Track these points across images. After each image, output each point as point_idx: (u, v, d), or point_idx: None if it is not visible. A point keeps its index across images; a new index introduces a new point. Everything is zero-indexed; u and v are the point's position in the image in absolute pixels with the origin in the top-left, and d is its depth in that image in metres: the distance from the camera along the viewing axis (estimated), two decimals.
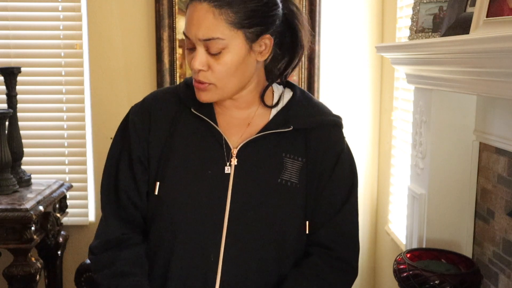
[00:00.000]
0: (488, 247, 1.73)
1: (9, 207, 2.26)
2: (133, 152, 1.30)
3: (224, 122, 1.31)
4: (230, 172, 1.26)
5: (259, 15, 1.20)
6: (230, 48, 1.19)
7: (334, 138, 1.33)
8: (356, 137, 2.84)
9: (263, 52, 1.25)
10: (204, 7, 1.17)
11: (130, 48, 2.79)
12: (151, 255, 1.31)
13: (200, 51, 1.20)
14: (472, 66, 1.34)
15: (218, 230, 1.24)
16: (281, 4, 1.25)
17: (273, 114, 1.32)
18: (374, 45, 2.40)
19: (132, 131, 1.32)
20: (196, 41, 1.20)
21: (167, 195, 1.27)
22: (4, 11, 2.77)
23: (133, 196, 1.31)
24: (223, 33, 1.18)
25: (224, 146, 1.27)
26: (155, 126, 1.31)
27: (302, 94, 1.36)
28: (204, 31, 1.18)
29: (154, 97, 1.36)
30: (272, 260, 1.27)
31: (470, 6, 1.53)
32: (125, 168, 1.31)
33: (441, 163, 1.84)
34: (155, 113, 1.32)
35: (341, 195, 1.32)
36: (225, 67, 1.20)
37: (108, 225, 1.32)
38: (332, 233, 1.31)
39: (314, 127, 1.31)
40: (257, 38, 1.22)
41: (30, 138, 2.79)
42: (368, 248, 2.94)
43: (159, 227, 1.29)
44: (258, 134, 1.28)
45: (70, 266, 2.81)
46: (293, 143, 1.29)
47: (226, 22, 1.17)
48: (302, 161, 1.29)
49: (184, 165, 1.28)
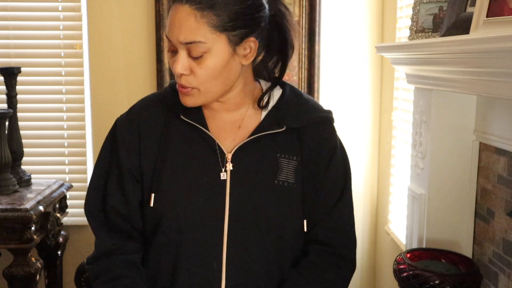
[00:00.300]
0: (488, 247, 1.72)
1: (9, 207, 2.26)
2: (123, 164, 1.28)
3: (215, 126, 1.29)
4: (226, 178, 1.24)
5: (242, 17, 1.17)
6: (212, 51, 1.16)
7: (326, 135, 1.32)
8: (356, 137, 2.84)
9: (248, 55, 1.22)
10: (185, 10, 1.14)
11: (130, 48, 2.79)
12: (154, 265, 1.29)
13: (182, 55, 1.17)
14: (472, 66, 1.34)
15: (218, 237, 1.23)
16: (268, 5, 1.23)
17: (264, 114, 1.30)
18: (374, 45, 2.40)
19: (121, 144, 1.28)
20: (177, 44, 1.17)
21: (163, 207, 1.25)
22: (4, 11, 2.77)
23: (122, 210, 1.28)
24: (205, 37, 1.15)
25: (218, 151, 1.25)
26: (145, 137, 1.28)
27: (292, 91, 1.34)
28: (186, 34, 1.15)
29: (140, 107, 1.32)
30: (273, 261, 1.27)
31: (470, 6, 1.53)
32: (113, 184, 1.29)
33: (441, 163, 1.84)
34: (144, 123, 1.28)
35: (336, 190, 1.32)
36: (208, 71, 1.18)
37: (99, 240, 1.31)
38: (329, 229, 1.31)
39: (306, 125, 1.30)
40: (241, 41, 1.19)
41: (30, 138, 2.79)
42: (368, 248, 2.94)
43: (159, 239, 1.27)
44: (251, 136, 1.26)
45: (70, 266, 2.81)
46: (286, 143, 1.28)
47: (208, 25, 1.14)
48: (296, 160, 1.28)
49: (178, 175, 1.25)
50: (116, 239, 1.29)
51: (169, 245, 1.26)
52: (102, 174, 1.31)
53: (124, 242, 1.29)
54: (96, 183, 1.32)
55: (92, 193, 1.32)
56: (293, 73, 2.74)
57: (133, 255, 1.29)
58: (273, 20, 1.25)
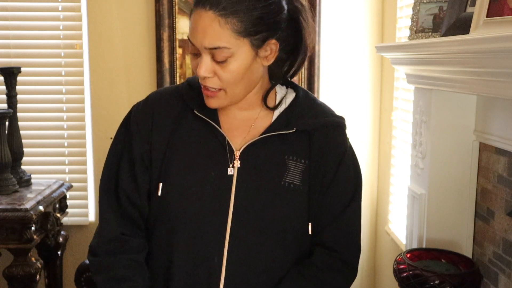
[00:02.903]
0: (488, 247, 1.72)
1: (9, 207, 2.26)
2: (135, 151, 1.30)
3: (227, 124, 1.30)
4: (233, 174, 1.26)
5: (264, 22, 1.18)
6: (236, 56, 1.18)
7: (337, 140, 1.32)
8: (356, 137, 2.84)
9: (269, 56, 1.24)
10: (209, 16, 1.15)
11: (130, 48, 2.79)
12: (154, 256, 1.30)
13: (205, 59, 1.19)
14: (472, 66, 1.34)
15: (221, 232, 1.24)
16: (286, 6, 1.23)
17: (275, 115, 1.31)
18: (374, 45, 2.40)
19: (135, 130, 1.31)
20: (201, 48, 1.18)
21: (170, 197, 1.26)
22: (4, 11, 2.77)
23: (133, 196, 1.30)
24: (229, 42, 1.16)
25: (227, 148, 1.27)
26: (157, 126, 1.30)
27: (305, 95, 1.35)
28: (210, 40, 1.16)
29: (157, 97, 1.35)
30: (275, 262, 1.27)
31: (470, 6, 1.53)
32: (126, 168, 1.30)
33: (441, 163, 1.84)
34: (158, 114, 1.31)
35: (345, 196, 1.32)
36: (232, 74, 1.19)
37: (108, 224, 1.31)
38: (335, 235, 1.31)
39: (316, 129, 1.30)
40: (262, 44, 1.20)
41: (30, 138, 2.79)
42: (368, 248, 2.94)
43: (162, 228, 1.29)
44: (261, 136, 1.27)
45: (70, 266, 2.81)
46: (296, 145, 1.28)
47: (232, 31, 1.16)
48: (304, 164, 1.28)
49: (187, 167, 1.27)
50: (124, 227, 1.30)
51: (170, 236, 1.27)
52: (116, 159, 1.33)
53: (132, 234, 1.30)
54: (110, 166, 1.33)
55: (106, 174, 1.34)
56: None
57: (138, 255, 1.30)
58: (290, 19, 1.25)
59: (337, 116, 1.35)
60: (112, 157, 1.34)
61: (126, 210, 1.30)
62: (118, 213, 1.31)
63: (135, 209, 1.31)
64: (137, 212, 1.31)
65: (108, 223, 1.31)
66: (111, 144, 1.36)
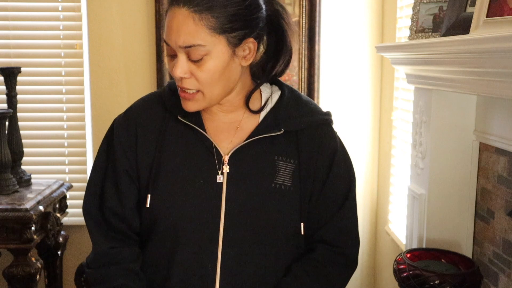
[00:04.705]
0: (488, 247, 1.72)
1: (9, 207, 2.26)
2: (119, 167, 1.27)
3: (212, 128, 1.28)
4: (222, 180, 1.23)
5: (241, 18, 1.16)
6: (212, 54, 1.15)
7: (326, 137, 1.31)
8: (356, 137, 2.84)
9: (247, 56, 1.21)
10: (183, 13, 1.13)
11: (130, 48, 2.79)
12: (149, 266, 1.30)
13: (181, 59, 1.16)
14: (472, 66, 1.34)
15: (214, 240, 1.23)
16: (265, 6, 1.22)
17: (262, 116, 1.29)
18: (374, 45, 2.40)
19: (117, 144, 1.28)
20: (177, 48, 1.15)
21: (158, 208, 1.24)
22: (4, 11, 2.77)
23: (120, 212, 1.28)
24: (204, 39, 1.13)
25: (214, 153, 1.25)
26: (142, 138, 1.27)
27: (291, 93, 1.33)
28: (185, 38, 1.13)
29: (138, 107, 1.32)
30: (269, 264, 1.26)
31: (470, 6, 1.53)
32: (110, 184, 1.29)
33: (441, 163, 1.84)
34: (141, 125, 1.28)
35: (340, 192, 1.32)
36: (209, 73, 1.17)
37: (97, 243, 1.31)
38: (334, 230, 1.31)
39: (304, 128, 1.29)
40: (240, 43, 1.18)
41: (30, 138, 2.79)
42: (368, 248, 2.94)
43: (154, 239, 1.27)
44: (248, 139, 1.25)
45: (70, 266, 2.81)
46: (284, 146, 1.27)
47: (207, 27, 1.13)
48: (294, 163, 1.27)
49: (175, 176, 1.24)
50: (113, 241, 1.29)
51: (164, 246, 1.26)
52: (99, 175, 1.31)
53: (120, 247, 1.29)
54: (94, 184, 1.32)
55: (90, 193, 1.32)
56: (293, 73, 2.74)
57: (133, 263, 1.28)
58: (270, 20, 1.24)
59: (324, 113, 1.33)
60: (95, 173, 1.32)
61: (113, 226, 1.29)
62: (105, 231, 1.29)
63: (123, 223, 1.29)
64: (125, 226, 1.29)
65: (98, 243, 1.30)
66: (95, 159, 1.34)
